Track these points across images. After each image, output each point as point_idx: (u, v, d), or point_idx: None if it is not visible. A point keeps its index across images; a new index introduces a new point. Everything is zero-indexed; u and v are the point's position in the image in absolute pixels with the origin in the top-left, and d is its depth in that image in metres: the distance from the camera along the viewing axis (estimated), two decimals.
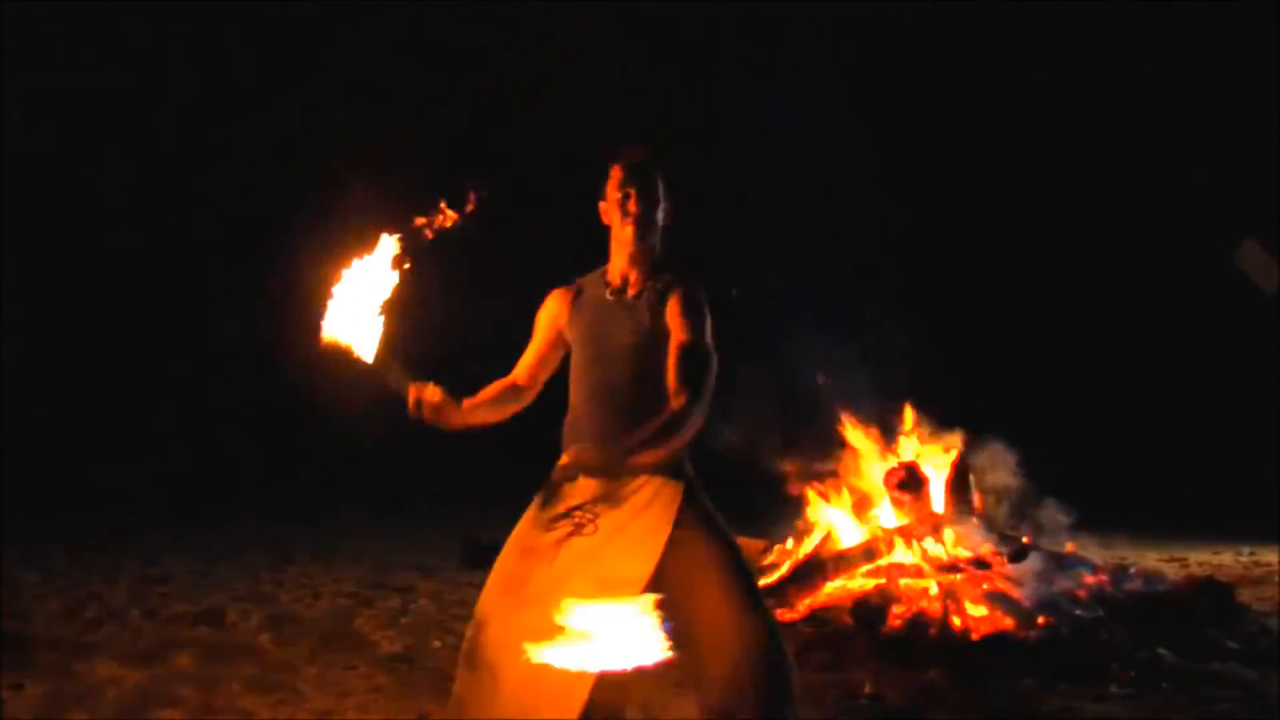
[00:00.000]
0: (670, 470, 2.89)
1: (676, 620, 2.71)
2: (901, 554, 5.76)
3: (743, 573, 2.89)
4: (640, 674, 2.79)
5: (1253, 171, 11.72)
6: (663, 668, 2.74)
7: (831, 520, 6.15)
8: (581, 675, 2.73)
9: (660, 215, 3.01)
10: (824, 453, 6.39)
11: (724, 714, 2.75)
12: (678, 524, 2.85)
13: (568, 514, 2.88)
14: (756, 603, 2.85)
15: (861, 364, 6.41)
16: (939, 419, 6.34)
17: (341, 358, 2.85)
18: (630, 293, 2.99)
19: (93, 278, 15.74)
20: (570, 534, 2.86)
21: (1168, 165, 13.94)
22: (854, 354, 6.43)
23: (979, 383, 6.51)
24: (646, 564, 2.81)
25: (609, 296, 3.01)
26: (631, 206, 2.95)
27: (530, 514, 2.94)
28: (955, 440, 6.25)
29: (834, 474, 6.34)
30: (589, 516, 2.87)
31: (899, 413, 6.38)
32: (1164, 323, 14.07)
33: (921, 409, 6.39)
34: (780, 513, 6.43)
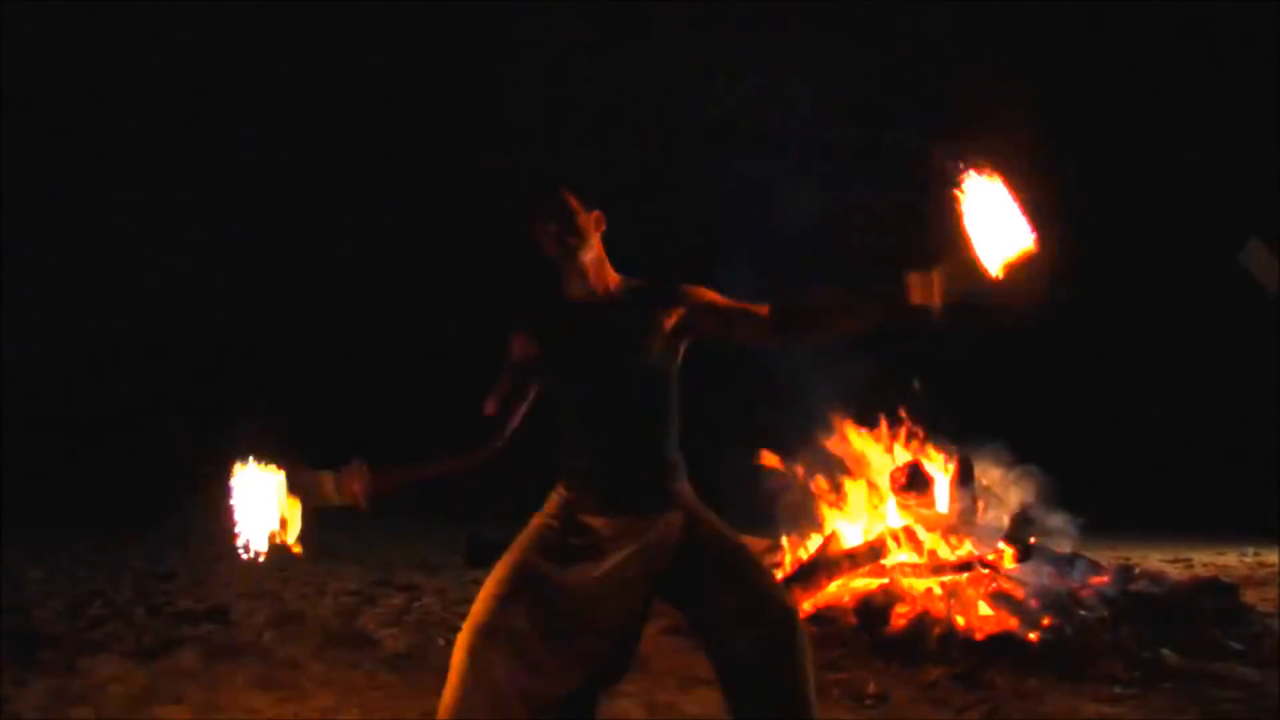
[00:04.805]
0: (682, 498, 2.81)
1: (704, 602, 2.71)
2: (905, 554, 5.76)
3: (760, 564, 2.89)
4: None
5: (1258, 170, 11.69)
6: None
7: (835, 520, 6.15)
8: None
9: (588, 224, 2.82)
10: (827, 450, 6.38)
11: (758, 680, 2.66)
12: (690, 529, 2.77)
13: (581, 549, 2.71)
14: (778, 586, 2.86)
15: (865, 361, 6.38)
16: (943, 419, 6.32)
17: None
18: (608, 295, 2.85)
19: (94, 274, 15.75)
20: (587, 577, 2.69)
21: (1170, 164, 13.92)
22: (859, 353, 6.41)
23: (981, 382, 6.48)
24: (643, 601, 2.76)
25: (589, 301, 2.84)
26: (569, 240, 2.80)
27: (525, 547, 2.75)
28: (959, 441, 6.25)
29: (838, 473, 6.33)
30: (609, 550, 2.71)
31: (904, 412, 6.36)
32: (1167, 321, 14.04)
33: (925, 408, 6.38)
34: (783, 512, 6.42)
